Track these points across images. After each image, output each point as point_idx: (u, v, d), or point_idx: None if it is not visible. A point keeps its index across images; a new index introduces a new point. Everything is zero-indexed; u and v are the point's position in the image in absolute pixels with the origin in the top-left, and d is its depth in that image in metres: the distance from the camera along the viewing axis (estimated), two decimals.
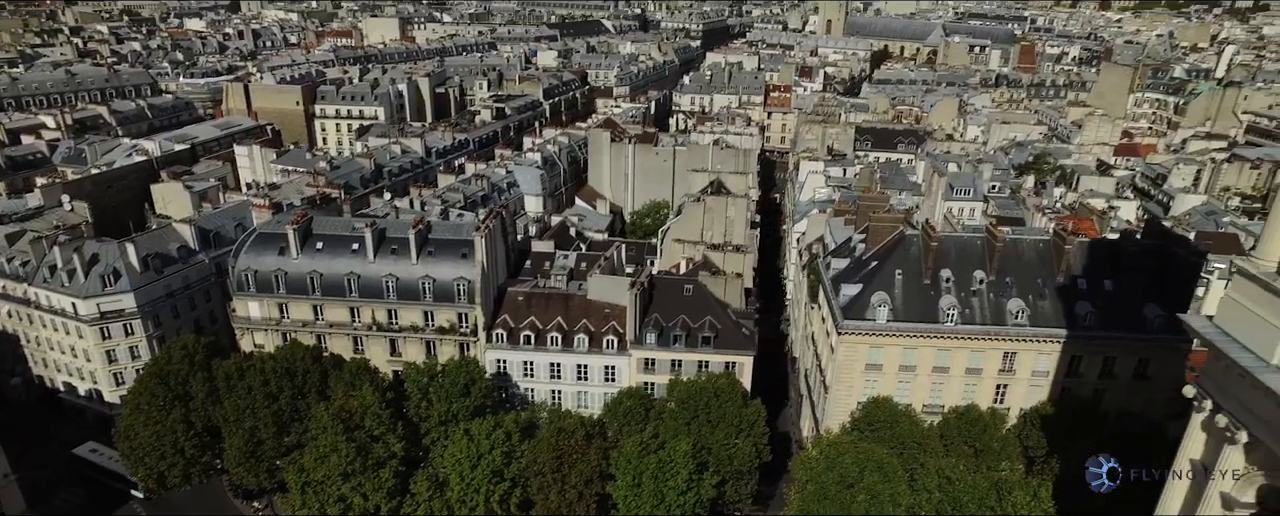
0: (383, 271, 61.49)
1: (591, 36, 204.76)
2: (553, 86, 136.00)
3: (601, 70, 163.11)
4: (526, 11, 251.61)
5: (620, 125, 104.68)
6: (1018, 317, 54.74)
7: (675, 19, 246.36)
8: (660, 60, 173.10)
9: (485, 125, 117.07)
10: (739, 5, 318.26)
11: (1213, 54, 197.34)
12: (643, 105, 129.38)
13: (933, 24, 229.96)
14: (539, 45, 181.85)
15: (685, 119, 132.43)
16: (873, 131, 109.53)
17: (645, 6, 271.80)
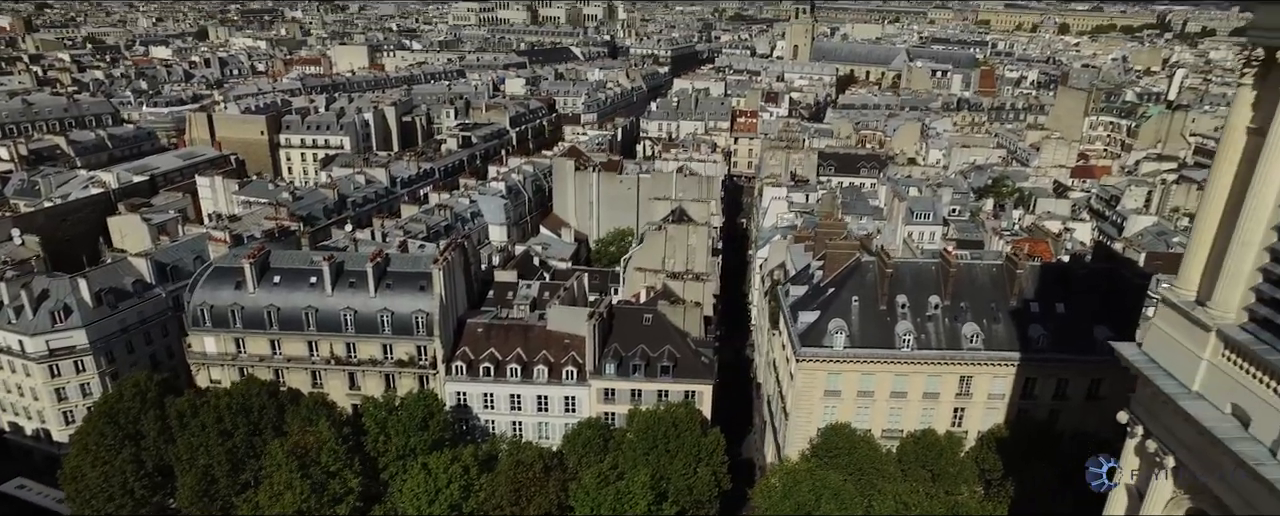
0: (341, 305, 61.03)
1: (560, 63, 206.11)
2: (519, 114, 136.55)
3: (569, 97, 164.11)
4: (496, 39, 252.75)
5: (585, 153, 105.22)
6: (972, 342, 55.55)
7: (644, 45, 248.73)
8: (628, 87, 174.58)
9: (451, 154, 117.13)
10: (708, 31, 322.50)
11: (1164, 77, 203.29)
12: (609, 132, 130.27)
13: (897, 49, 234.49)
14: (507, 73, 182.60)
15: (652, 145, 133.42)
16: (836, 156, 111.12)
17: (614, 33, 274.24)
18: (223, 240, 68.81)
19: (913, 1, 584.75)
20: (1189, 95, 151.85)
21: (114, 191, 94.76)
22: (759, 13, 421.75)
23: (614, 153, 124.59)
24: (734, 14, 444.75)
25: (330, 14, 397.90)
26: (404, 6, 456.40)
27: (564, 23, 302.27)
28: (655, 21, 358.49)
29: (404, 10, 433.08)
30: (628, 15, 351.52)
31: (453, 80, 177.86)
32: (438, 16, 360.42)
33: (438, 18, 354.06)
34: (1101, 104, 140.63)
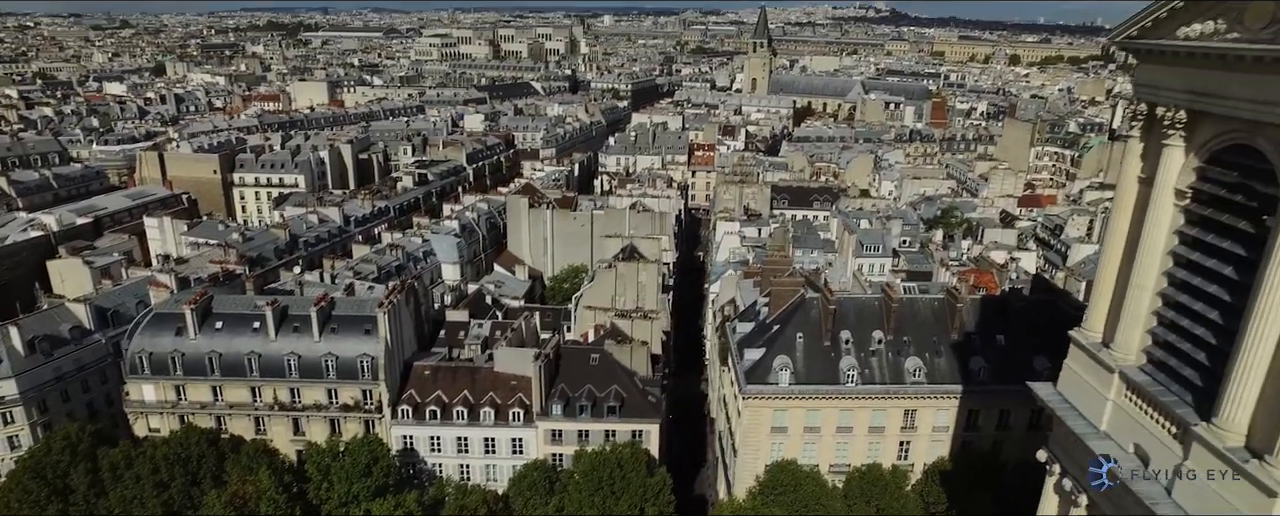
0: (285, 349, 60.12)
1: (520, 98, 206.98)
2: (476, 151, 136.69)
3: (528, 132, 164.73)
4: (457, 74, 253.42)
5: (539, 190, 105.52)
6: (916, 375, 56.31)
7: (605, 79, 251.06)
8: (587, 121, 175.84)
9: (407, 192, 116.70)
10: (669, 64, 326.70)
11: (1108, 107, 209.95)
12: (566, 168, 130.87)
13: (853, 81, 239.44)
14: (467, 109, 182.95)
15: (609, 180, 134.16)
16: (789, 190, 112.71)
17: (576, 67, 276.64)
18: (165, 285, 67.55)
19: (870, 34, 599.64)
20: (1128, 125, 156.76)
21: (55, 233, 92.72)
22: (720, 45, 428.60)
23: (570, 188, 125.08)
24: (696, 47, 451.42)
25: (292, 49, 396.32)
26: (368, 41, 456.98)
27: (526, 57, 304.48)
28: (618, 55, 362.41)
29: (367, 45, 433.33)
30: (590, 49, 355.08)
31: (412, 116, 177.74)
32: (401, 51, 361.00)
33: (401, 52, 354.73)
34: (1046, 135, 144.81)
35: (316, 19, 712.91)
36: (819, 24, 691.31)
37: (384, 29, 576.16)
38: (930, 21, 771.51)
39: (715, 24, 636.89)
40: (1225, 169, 22.25)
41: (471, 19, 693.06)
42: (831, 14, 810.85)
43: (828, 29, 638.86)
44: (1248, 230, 21.51)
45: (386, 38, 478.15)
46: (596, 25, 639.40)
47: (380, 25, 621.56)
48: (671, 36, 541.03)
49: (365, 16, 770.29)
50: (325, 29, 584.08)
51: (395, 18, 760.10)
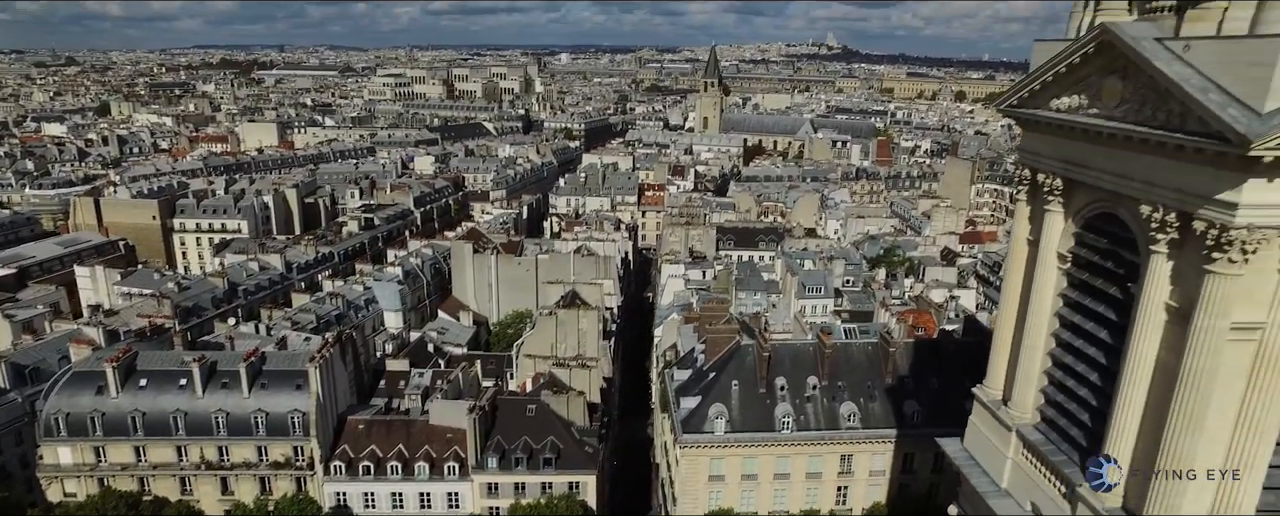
0: (212, 406, 58.47)
1: (472, 139, 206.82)
2: (424, 194, 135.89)
3: (479, 174, 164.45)
4: (410, 114, 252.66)
5: (485, 235, 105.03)
6: (851, 421, 56.72)
7: (558, 119, 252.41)
8: (538, 162, 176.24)
9: (352, 237, 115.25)
10: (624, 103, 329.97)
11: None
12: (515, 210, 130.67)
13: (802, 119, 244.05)
14: (417, 150, 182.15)
15: (559, 222, 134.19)
16: (735, 231, 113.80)
17: (530, 107, 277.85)
18: (88, 341, 65.41)
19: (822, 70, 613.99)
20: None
21: None
22: (675, 83, 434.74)
23: (519, 231, 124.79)
24: (651, 85, 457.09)
25: (244, 88, 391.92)
26: (323, 80, 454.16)
27: (480, 97, 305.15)
28: (572, 94, 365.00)
29: (322, 83, 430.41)
30: (545, 88, 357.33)
31: (362, 158, 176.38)
32: (355, 90, 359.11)
33: (355, 91, 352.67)
34: (986, 172, 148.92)
35: (272, 57, 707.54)
36: (773, 61, 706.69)
37: (340, 67, 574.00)
38: (880, 58, 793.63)
39: (671, 62, 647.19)
40: (1097, 236, 23.08)
41: (429, 57, 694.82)
42: (785, 51, 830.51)
43: (781, 66, 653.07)
44: (1118, 296, 22.26)
45: (342, 76, 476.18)
46: (553, 64, 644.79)
47: (336, 64, 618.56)
48: (627, 75, 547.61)
49: (321, 54, 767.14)
50: (280, 67, 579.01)
51: (352, 55, 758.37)
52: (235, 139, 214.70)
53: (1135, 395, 20.82)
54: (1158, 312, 20.17)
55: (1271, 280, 18.03)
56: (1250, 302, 18.18)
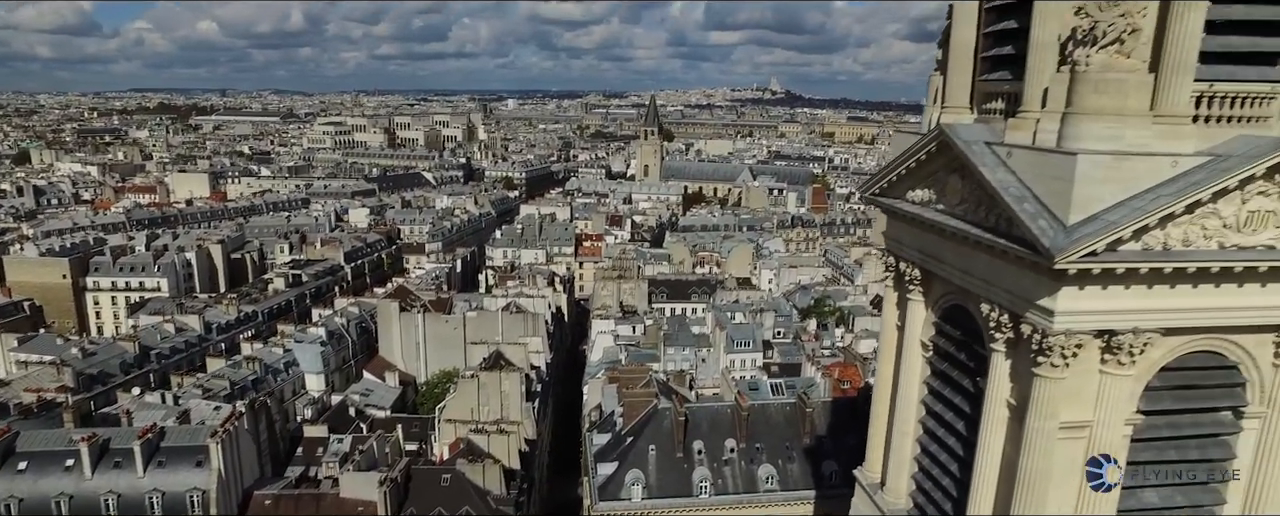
0: (103, 488, 55.38)
1: (410, 190, 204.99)
2: (356, 249, 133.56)
3: (415, 225, 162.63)
4: (348, 164, 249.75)
5: (413, 292, 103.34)
6: (768, 483, 56.50)
7: (499, 168, 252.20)
8: (476, 213, 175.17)
9: (278, 295, 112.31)
10: (567, 149, 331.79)
11: None
12: (448, 264, 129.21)
13: (741, 166, 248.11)
14: (353, 201, 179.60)
15: (494, 275, 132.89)
16: (668, 283, 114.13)
17: (472, 155, 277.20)
18: None
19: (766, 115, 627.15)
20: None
21: None
22: (619, 129, 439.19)
23: (452, 286, 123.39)
24: (596, 131, 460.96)
25: (179, 134, 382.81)
26: (264, 126, 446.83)
27: (422, 145, 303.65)
28: (517, 140, 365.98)
29: (263, 130, 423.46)
30: (488, 136, 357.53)
31: (295, 210, 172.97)
32: (296, 137, 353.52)
33: (296, 138, 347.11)
34: None
35: (213, 101, 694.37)
36: (718, 106, 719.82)
37: (282, 113, 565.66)
38: (822, 102, 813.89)
39: (617, 107, 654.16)
40: (953, 327, 23.43)
41: (375, 103, 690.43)
42: (730, 96, 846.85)
43: (725, 111, 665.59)
44: (970, 389, 22.54)
45: (284, 122, 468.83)
46: (500, 109, 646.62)
47: (279, 109, 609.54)
48: (573, 120, 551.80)
49: (264, 99, 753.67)
50: (221, 112, 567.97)
51: (296, 100, 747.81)
52: (164, 189, 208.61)
53: (986, 490, 20.94)
54: (1001, 409, 20.44)
55: (1094, 380, 18.42)
56: (1077, 402, 18.52)
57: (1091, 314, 17.68)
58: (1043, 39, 18.97)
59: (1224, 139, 18.09)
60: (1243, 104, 18.15)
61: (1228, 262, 17.47)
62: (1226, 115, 18.17)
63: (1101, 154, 17.10)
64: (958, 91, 22.86)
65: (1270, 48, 18.05)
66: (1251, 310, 18.32)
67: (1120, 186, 17.12)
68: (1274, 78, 18.19)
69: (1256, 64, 18.11)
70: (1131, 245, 17.19)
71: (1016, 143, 19.40)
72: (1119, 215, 16.82)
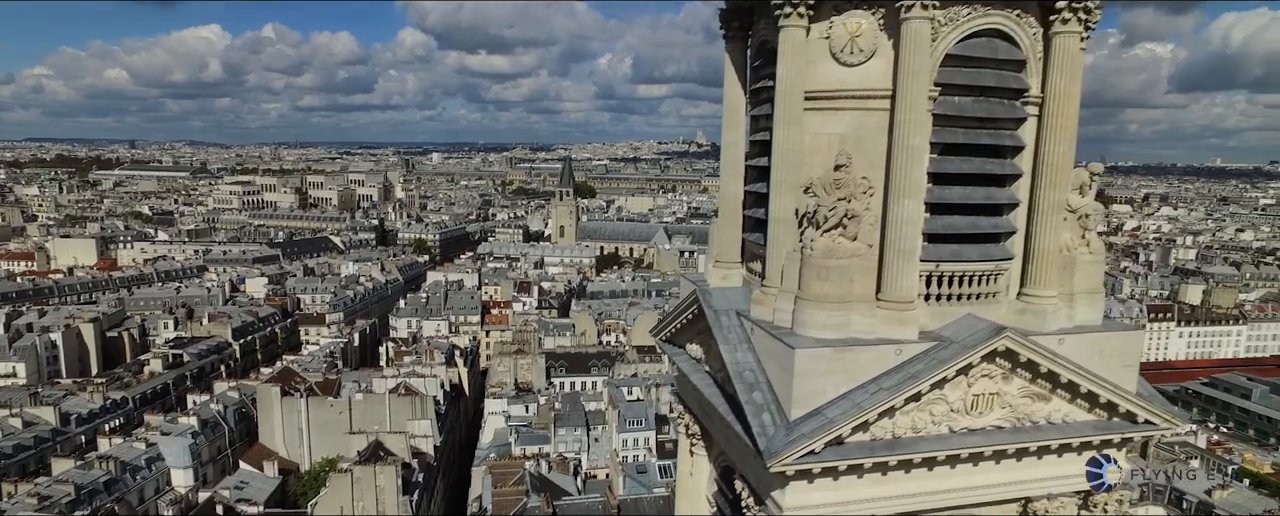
0: None
1: (316, 255, 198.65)
2: (247, 323, 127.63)
3: (317, 294, 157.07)
4: (253, 228, 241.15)
5: (298, 374, 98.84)
6: None
7: (412, 229, 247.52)
8: (382, 280, 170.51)
9: (154, 378, 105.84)
10: (487, 208, 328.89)
11: None
12: (343, 339, 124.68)
13: (656, 227, 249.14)
14: (252, 269, 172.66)
15: (396, 347, 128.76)
16: (568, 356, 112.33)
17: (385, 215, 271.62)
18: None
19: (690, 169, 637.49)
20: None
21: None
22: (542, 185, 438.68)
23: (346, 362, 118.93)
24: (518, 187, 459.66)
25: (73, 192, 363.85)
26: (171, 182, 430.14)
27: (335, 205, 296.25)
28: (437, 198, 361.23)
29: (170, 186, 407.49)
30: (406, 194, 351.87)
31: (188, 280, 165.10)
32: (206, 194, 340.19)
33: (205, 195, 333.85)
34: None
35: (119, 153, 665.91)
36: (644, 159, 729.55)
37: (194, 167, 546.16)
38: None
39: (543, 161, 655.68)
40: (729, 487, 22.64)
41: (295, 155, 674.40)
42: (657, 148, 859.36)
43: (650, 164, 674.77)
44: None
45: (194, 178, 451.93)
46: (423, 163, 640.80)
47: (192, 163, 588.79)
48: (498, 175, 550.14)
49: (177, 151, 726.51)
50: (127, 165, 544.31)
51: (211, 153, 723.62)
52: (44, 256, 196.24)
53: None
54: None
55: None
56: None
57: (824, 506, 17.04)
58: (780, 213, 18.72)
59: (955, 317, 18.04)
60: (969, 282, 18.12)
61: (952, 451, 17.18)
62: (955, 293, 18.11)
63: (824, 345, 16.69)
64: (729, 245, 22.47)
65: (991, 228, 18.19)
66: (988, 487, 18.07)
67: (845, 377, 16.71)
68: (996, 256, 18.32)
69: (979, 243, 18.19)
70: (859, 436, 16.77)
71: (760, 318, 18.94)
72: (838, 411, 16.33)
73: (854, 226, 17.41)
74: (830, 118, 18.25)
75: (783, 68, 18.32)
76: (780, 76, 18.45)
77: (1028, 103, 18.07)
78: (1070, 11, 17.22)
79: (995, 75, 17.73)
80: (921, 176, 17.24)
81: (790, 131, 18.38)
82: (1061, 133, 17.82)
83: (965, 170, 17.69)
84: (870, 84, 17.53)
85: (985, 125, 17.83)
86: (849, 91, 17.85)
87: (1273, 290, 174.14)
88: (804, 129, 18.45)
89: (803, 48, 18.07)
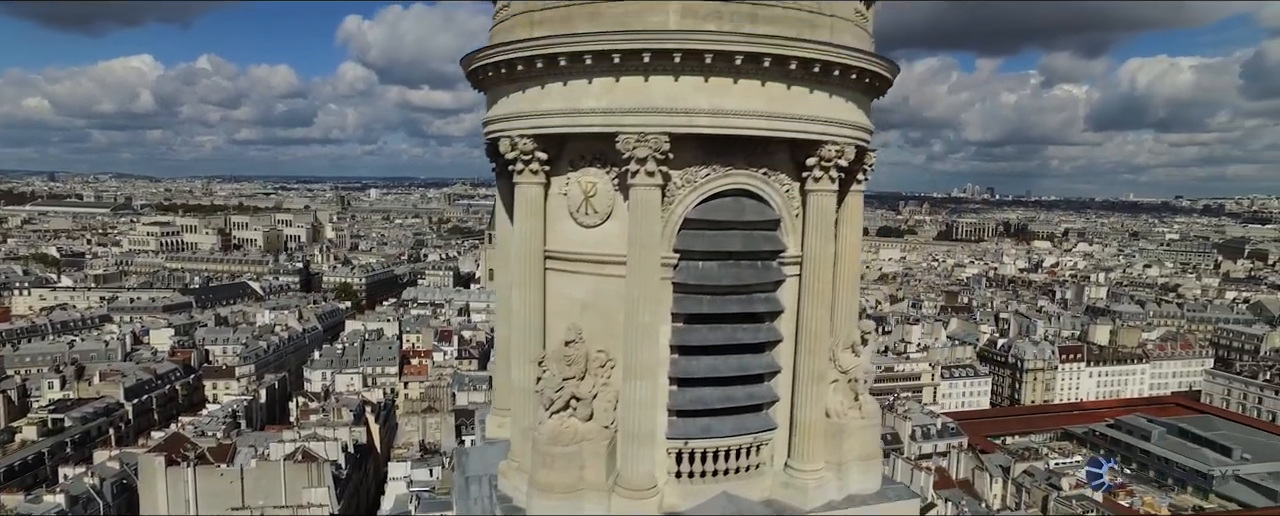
0: None
1: (232, 302, 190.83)
2: (143, 382, 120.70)
3: (228, 345, 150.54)
4: (166, 274, 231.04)
5: (189, 440, 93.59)
6: None
7: (338, 273, 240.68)
8: (299, 329, 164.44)
9: (25, 448, 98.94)
10: (419, 248, 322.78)
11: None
12: (248, 397, 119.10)
13: None
14: (160, 318, 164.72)
15: (307, 402, 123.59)
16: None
17: (311, 258, 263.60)
18: None
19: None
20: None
21: None
22: (479, 222, 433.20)
23: (251, 421, 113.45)
24: (454, 226, 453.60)
25: None
26: (88, 219, 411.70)
27: (260, 246, 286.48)
28: (369, 238, 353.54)
29: (86, 223, 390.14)
30: (336, 233, 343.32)
31: (87, 331, 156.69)
32: (127, 230, 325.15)
33: (126, 232, 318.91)
34: None
35: (36, 186, 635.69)
36: None
37: (117, 203, 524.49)
38: None
39: (484, 197, 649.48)
40: None
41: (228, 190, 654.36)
42: None
43: None
44: None
45: (114, 215, 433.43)
46: (361, 199, 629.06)
47: (117, 197, 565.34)
48: (436, 213, 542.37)
49: (101, 185, 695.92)
50: (42, 200, 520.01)
51: (139, 187, 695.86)
52: None
53: None
54: None
55: None
56: None
57: None
58: (521, 382, 17.21)
59: (710, 495, 16.64)
60: (724, 458, 16.72)
61: None
62: (709, 470, 16.69)
63: None
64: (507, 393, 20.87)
65: (747, 399, 16.88)
66: None
67: None
68: (755, 428, 17.00)
69: (736, 415, 16.86)
70: None
71: (504, 493, 17.31)
72: None
73: (584, 408, 15.94)
74: (570, 281, 16.84)
75: (518, 225, 16.99)
76: (516, 234, 17.13)
77: (786, 263, 16.95)
78: (821, 169, 16.21)
79: (743, 237, 16.55)
80: (659, 353, 15.88)
81: (528, 295, 16.95)
82: (819, 297, 16.71)
83: (713, 341, 16.41)
84: (607, 248, 16.18)
85: (735, 291, 16.61)
86: (586, 255, 16.49)
87: (1171, 328, 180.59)
88: (544, 291, 17.06)
89: (538, 206, 16.73)
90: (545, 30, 15.80)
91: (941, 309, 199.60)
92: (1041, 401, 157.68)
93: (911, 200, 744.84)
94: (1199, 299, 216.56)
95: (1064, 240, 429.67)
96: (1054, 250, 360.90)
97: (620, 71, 15.06)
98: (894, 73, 17.25)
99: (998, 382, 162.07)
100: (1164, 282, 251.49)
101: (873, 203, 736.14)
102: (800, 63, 15.07)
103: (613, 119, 15.25)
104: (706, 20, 14.89)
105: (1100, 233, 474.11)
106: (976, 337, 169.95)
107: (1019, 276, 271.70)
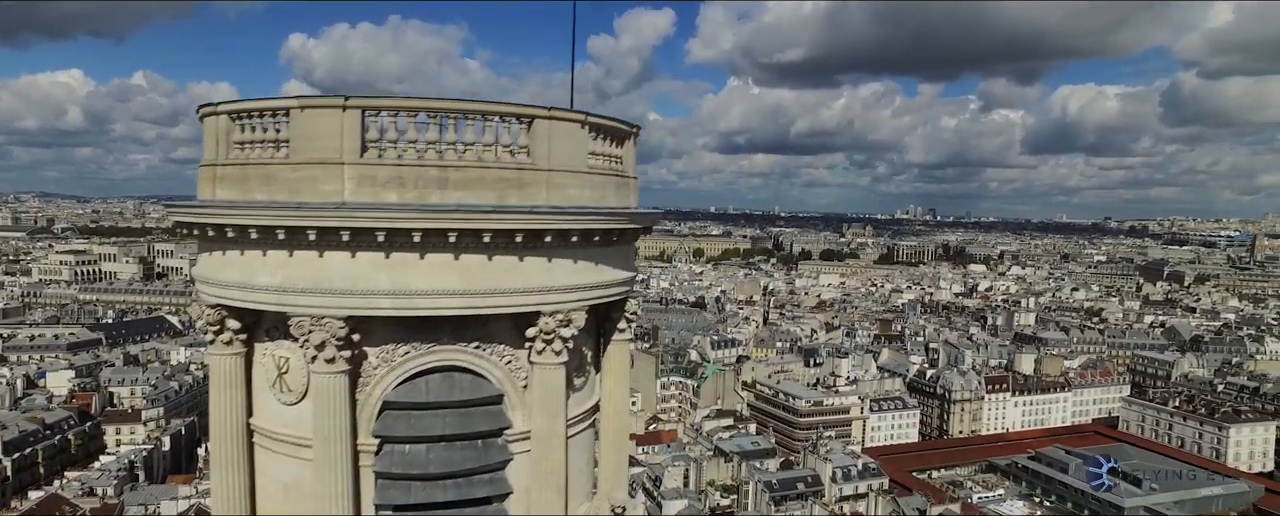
0: None
1: (146, 338, 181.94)
2: (28, 433, 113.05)
3: (135, 387, 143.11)
4: (76, 306, 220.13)
5: (70, 501, 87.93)
6: None
7: None
8: None
9: None
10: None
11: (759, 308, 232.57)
12: (149, 446, 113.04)
13: None
14: (59, 358, 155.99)
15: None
16: None
17: None
18: None
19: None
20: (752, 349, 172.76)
21: None
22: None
23: (149, 473, 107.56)
24: None
25: None
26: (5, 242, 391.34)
27: (186, 274, 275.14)
28: None
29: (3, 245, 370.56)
30: None
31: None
32: (40, 256, 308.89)
33: (37, 260, 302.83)
34: (671, 364, 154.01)
35: None
36: None
37: (36, 226, 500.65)
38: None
39: None
40: None
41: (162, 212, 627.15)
42: None
43: None
44: None
45: (30, 239, 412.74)
46: None
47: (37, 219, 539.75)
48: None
49: (20, 206, 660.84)
50: None
51: (64, 207, 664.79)
52: None
53: None
54: None
55: None
56: None
57: None
58: None
59: None
60: None
61: None
62: None
63: None
64: None
65: None
66: None
67: None
68: None
69: None
70: None
71: None
72: None
73: None
74: (277, 462, 14.85)
75: (214, 399, 14.97)
76: (212, 409, 15.09)
77: (513, 440, 15.22)
78: (544, 342, 14.57)
79: (457, 417, 14.72)
80: None
81: (228, 476, 14.88)
82: (547, 479, 15.00)
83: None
84: (304, 431, 14.24)
85: (451, 476, 14.84)
86: (286, 436, 14.56)
87: (1093, 356, 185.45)
88: (252, 471, 15.07)
89: (234, 378, 14.73)
90: (224, 191, 14.02)
91: (875, 338, 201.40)
92: (969, 432, 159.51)
93: (856, 222, 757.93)
94: (1119, 324, 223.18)
95: (1000, 263, 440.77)
96: (990, 273, 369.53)
97: (292, 246, 13.28)
98: (647, 221, 15.83)
99: (927, 414, 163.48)
100: (1089, 306, 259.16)
101: (818, 225, 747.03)
102: (497, 234, 13.45)
103: (286, 298, 13.42)
104: (386, 188, 13.19)
105: (1034, 255, 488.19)
106: (907, 368, 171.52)
107: (954, 302, 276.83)
